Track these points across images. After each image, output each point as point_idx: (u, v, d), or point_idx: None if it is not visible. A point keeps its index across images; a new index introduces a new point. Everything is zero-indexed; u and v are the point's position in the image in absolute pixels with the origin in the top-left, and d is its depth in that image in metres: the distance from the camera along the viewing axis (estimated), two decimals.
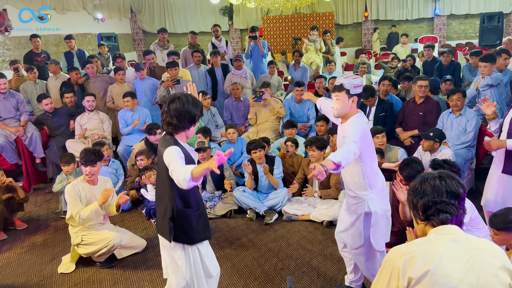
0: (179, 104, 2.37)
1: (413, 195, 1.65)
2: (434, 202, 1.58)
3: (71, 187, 3.62)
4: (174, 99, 2.39)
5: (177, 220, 2.44)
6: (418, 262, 1.48)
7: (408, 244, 1.62)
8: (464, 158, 4.58)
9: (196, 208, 2.51)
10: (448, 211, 1.57)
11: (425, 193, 1.60)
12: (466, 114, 4.72)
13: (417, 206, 1.62)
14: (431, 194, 1.59)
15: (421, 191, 1.61)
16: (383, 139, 4.52)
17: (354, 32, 14.90)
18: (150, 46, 8.29)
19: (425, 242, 1.57)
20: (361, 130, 2.51)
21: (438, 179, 1.60)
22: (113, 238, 3.62)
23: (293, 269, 3.57)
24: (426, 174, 1.67)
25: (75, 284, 3.54)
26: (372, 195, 2.68)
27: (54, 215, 5.02)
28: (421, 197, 1.61)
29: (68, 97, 6.06)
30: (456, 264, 1.47)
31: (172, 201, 2.42)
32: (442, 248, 1.51)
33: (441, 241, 1.54)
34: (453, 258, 1.48)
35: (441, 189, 1.58)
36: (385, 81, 5.76)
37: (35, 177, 5.95)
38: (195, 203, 2.51)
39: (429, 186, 1.60)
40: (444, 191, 1.58)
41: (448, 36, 14.24)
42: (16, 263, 3.97)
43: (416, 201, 1.63)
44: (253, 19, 14.60)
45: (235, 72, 6.95)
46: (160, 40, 8.01)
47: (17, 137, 5.71)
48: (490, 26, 9.42)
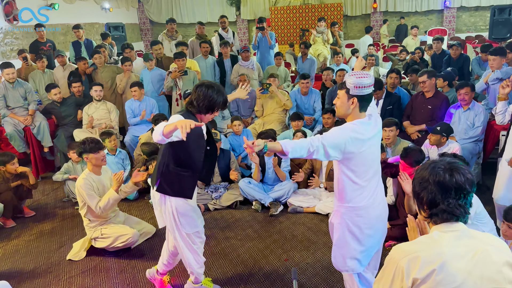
0: (205, 89, 2.65)
1: (419, 187, 1.59)
2: (440, 201, 1.53)
3: (83, 182, 3.60)
4: (204, 84, 2.70)
5: (165, 174, 2.78)
6: (422, 262, 1.46)
7: (411, 243, 1.60)
8: (471, 152, 4.55)
9: (185, 170, 2.80)
10: (454, 213, 1.53)
11: (432, 191, 1.54)
12: (474, 108, 4.68)
13: (423, 201, 1.58)
14: (438, 193, 1.53)
15: (427, 186, 1.55)
16: (390, 133, 4.48)
17: (362, 24, 14.77)
18: (157, 36, 8.29)
19: (428, 241, 1.54)
20: (344, 139, 2.20)
21: (447, 173, 1.52)
22: (132, 235, 3.68)
23: (298, 260, 3.60)
24: (436, 163, 1.58)
25: (82, 272, 3.60)
26: (341, 208, 2.41)
27: (61, 203, 5.08)
28: (427, 192, 1.55)
29: (76, 87, 6.10)
30: (461, 263, 1.46)
31: (165, 158, 2.78)
32: (446, 247, 1.48)
33: (445, 239, 1.51)
34: (457, 257, 1.46)
35: (449, 186, 1.51)
36: (393, 74, 5.72)
37: (43, 166, 6.01)
38: (186, 166, 2.79)
39: (437, 181, 1.52)
40: (453, 188, 1.51)
41: (457, 29, 14.08)
42: (24, 251, 4.04)
43: (422, 194, 1.57)
44: (261, 9, 14.52)
45: (242, 63, 6.93)
46: (169, 31, 7.99)
47: (26, 126, 5.76)
48: (501, 19, 9.28)
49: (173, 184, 2.80)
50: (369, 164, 2.33)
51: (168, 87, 6.28)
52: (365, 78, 2.23)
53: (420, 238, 1.62)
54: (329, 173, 4.50)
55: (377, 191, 2.41)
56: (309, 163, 4.74)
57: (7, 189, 4.50)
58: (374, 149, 2.35)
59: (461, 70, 6.66)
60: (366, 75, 2.25)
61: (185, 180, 2.82)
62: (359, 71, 2.30)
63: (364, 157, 2.28)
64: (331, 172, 4.47)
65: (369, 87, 2.25)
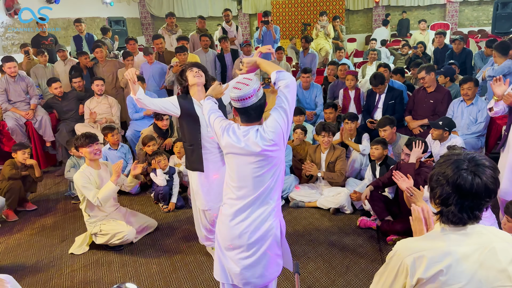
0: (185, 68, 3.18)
1: (435, 183, 1.48)
2: (453, 203, 1.45)
3: (79, 175, 3.64)
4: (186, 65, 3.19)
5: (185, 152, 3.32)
6: (428, 263, 1.43)
7: (417, 240, 1.56)
8: (473, 147, 4.54)
9: (189, 144, 3.18)
10: (463, 219, 1.46)
11: (447, 191, 1.45)
12: (477, 103, 4.66)
13: (435, 195, 1.50)
14: (453, 193, 1.44)
15: (444, 184, 1.45)
16: (384, 133, 4.46)
17: (364, 18, 14.70)
18: (158, 30, 8.26)
19: (434, 238, 1.50)
20: (221, 127, 2.20)
21: (470, 176, 1.41)
22: (127, 233, 3.68)
23: (299, 255, 3.60)
24: (460, 160, 1.45)
25: (84, 266, 3.61)
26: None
27: (63, 198, 5.09)
28: (442, 189, 1.46)
29: (76, 82, 6.08)
30: (467, 263, 1.43)
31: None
32: (453, 246, 1.44)
33: (452, 238, 1.47)
34: (464, 256, 1.43)
35: (466, 191, 1.41)
36: (380, 68, 5.91)
37: (45, 160, 6.02)
38: (188, 138, 3.17)
39: (456, 183, 1.42)
40: (469, 195, 1.41)
41: (460, 23, 13.99)
42: (26, 245, 4.05)
43: (436, 190, 1.49)
44: (262, 3, 14.44)
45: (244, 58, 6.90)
46: (168, 25, 7.96)
47: (27, 120, 5.76)
48: (504, 13, 9.22)
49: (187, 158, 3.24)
50: (235, 176, 2.20)
51: (169, 82, 6.27)
52: (238, 90, 2.07)
53: (426, 235, 1.57)
54: (328, 166, 4.50)
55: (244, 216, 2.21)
56: (309, 158, 4.74)
57: (18, 177, 4.56)
58: (240, 164, 2.17)
59: (463, 65, 6.63)
60: (245, 83, 2.08)
61: (194, 154, 3.15)
62: (246, 77, 2.14)
63: (229, 162, 2.23)
64: (330, 165, 4.47)
65: (247, 99, 2.06)
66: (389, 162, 4.11)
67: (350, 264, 3.42)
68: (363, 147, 4.70)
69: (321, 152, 4.53)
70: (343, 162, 4.46)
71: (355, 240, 3.79)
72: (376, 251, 3.60)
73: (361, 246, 3.69)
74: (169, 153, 5.26)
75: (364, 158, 4.74)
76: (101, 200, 3.58)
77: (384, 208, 3.82)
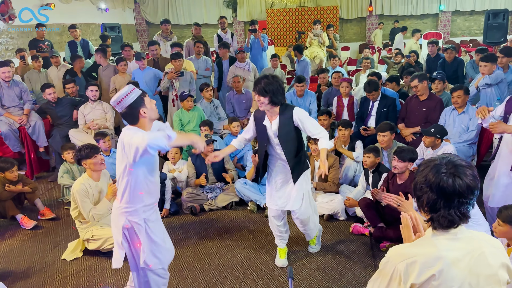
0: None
1: (419, 191, 1.53)
2: (441, 207, 1.48)
3: (79, 187, 3.63)
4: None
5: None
6: (421, 268, 1.45)
7: (409, 246, 1.57)
8: (465, 155, 4.59)
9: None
10: (454, 221, 1.49)
11: (432, 197, 1.49)
12: (469, 112, 4.72)
13: (423, 204, 1.53)
14: (439, 198, 1.47)
15: (428, 190, 1.49)
16: (384, 138, 4.46)
17: (358, 27, 14.86)
18: (153, 37, 8.30)
19: (426, 244, 1.52)
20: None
21: (450, 178, 1.45)
22: None
23: (293, 261, 3.61)
24: (439, 165, 1.50)
25: (77, 272, 3.59)
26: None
27: (56, 203, 5.06)
28: (428, 196, 1.50)
29: (69, 88, 6.08)
30: (458, 267, 1.45)
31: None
32: (444, 251, 1.46)
33: (442, 242, 1.49)
34: (456, 261, 1.45)
35: (450, 192, 1.45)
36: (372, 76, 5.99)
37: (38, 166, 5.99)
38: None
39: (439, 186, 1.46)
40: (454, 195, 1.45)
41: (452, 33, 14.19)
42: (18, 250, 4.02)
43: (422, 198, 1.52)
44: (257, 11, 14.56)
45: (238, 65, 6.95)
46: (163, 31, 8.00)
47: (21, 125, 5.73)
48: (495, 23, 9.37)
49: None
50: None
51: (164, 88, 6.28)
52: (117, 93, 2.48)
53: (417, 241, 1.59)
54: (321, 174, 4.50)
55: None
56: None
57: (7, 197, 4.47)
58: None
59: (455, 73, 6.72)
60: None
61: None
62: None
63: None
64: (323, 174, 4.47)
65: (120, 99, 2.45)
66: (381, 169, 4.14)
67: (343, 271, 3.43)
68: (357, 154, 4.73)
69: (314, 160, 4.55)
70: (336, 171, 4.47)
71: (348, 247, 3.80)
72: (369, 257, 3.62)
73: (355, 252, 3.71)
74: (163, 159, 5.26)
75: (358, 165, 4.77)
76: (95, 217, 3.61)
77: (376, 215, 3.84)
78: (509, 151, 3.42)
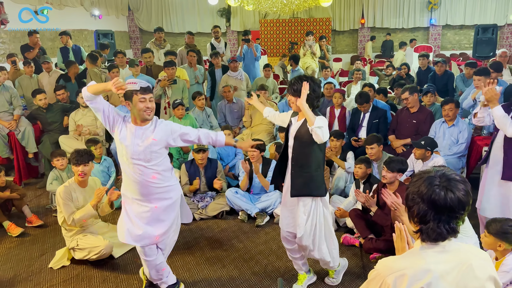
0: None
1: (411, 201, 1.54)
2: (431, 219, 1.48)
3: (63, 190, 3.58)
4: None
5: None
6: (409, 281, 1.45)
7: (397, 259, 1.58)
8: (455, 167, 4.63)
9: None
10: (442, 234, 1.48)
11: (423, 208, 1.49)
12: (459, 125, 4.78)
13: (413, 214, 1.54)
14: (429, 210, 1.48)
15: (419, 202, 1.50)
16: (371, 151, 4.48)
17: (350, 39, 15.02)
18: (146, 44, 8.30)
19: (414, 257, 1.52)
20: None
21: (442, 191, 1.46)
22: (104, 247, 3.60)
23: (283, 271, 3.59)
24: (433, 177, 1.50)
25: (64, 281, 3.53)
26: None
27: (44, 210, 4.99)
28: (418, 207, 1.50)
29: (60, 94, 6.04)
30: (446, 280, 1.45)
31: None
32: (432, 264, 1.47)
33: (430, 254, 1.50)
34: (444, 273, 1.46)
35: (442, 206, 1.46)
36: (366, 87, 6.06)
37: (27, 172, 5.91)
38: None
39: (431, 199, 1.47)
40: (445, 209, 1.46)
41: (442, 46, 14.41)
42: (4, 258, 3.95)
43: (413, 209, 1.53)
44: (251, 21, 14.65)
45: (231, 74, 6.97)
46: (157, 39, 8.01)
47: (10, 131, 5.67)
48: (484, 37, 9.55)
49: None
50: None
51: (157, 95, 6.27)
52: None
53: (406, 254, 1.60)
54: None
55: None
56: None
57: None
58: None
59: (445, 87, 6.80)
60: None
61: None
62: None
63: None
64: None
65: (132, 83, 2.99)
66: (372, 180, 4.16)
67: None
68: (349, 165, 4.76)
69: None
70: (326, 181, 4.48)
71: None
72: (359, 268, 3.62)
73: None
74: None
75: (349, 176, 4.79)
76: (76, 221, 3.55)
77: (366, 226, 3.85)
78: (498, 160, 3.47)
